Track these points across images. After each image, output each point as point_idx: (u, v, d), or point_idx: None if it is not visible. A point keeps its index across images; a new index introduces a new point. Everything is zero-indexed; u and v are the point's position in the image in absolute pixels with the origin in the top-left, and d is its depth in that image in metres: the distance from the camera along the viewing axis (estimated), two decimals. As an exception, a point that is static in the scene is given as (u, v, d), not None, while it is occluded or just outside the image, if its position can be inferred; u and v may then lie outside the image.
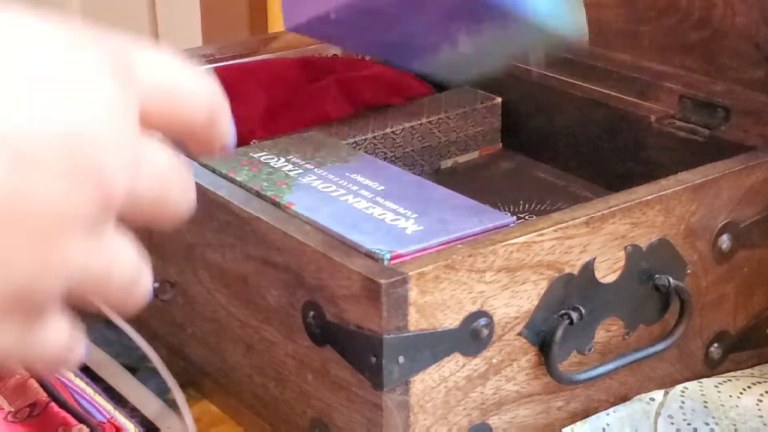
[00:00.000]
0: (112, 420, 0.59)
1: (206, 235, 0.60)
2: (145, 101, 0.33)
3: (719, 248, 0.60)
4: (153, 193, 0.33)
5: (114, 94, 0.31)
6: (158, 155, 0.33)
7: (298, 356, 0.56)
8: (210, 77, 0.36)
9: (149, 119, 0.33)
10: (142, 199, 0.33)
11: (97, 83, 0.31)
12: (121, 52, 0.32)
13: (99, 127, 0.30)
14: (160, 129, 0.34)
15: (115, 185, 0.31)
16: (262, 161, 0.63)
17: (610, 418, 0.58)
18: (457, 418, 0.54)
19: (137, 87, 0.32)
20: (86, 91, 0.30)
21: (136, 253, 0.33)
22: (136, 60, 0.33)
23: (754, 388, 0.59)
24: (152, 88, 0.33)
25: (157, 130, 0.34)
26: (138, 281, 0.33)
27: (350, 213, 0.57)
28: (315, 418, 0.56)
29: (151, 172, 0.33)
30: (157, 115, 0.33)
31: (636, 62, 0.75)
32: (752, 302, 0.63)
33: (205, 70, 0.36)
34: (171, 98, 0.34)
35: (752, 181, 0.60)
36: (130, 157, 0.31)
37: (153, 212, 0.34)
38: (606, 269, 0.56)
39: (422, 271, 0.50)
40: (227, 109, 0.37)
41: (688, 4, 0.72)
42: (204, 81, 0.35)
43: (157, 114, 0.34)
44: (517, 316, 0.54)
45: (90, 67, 0.31)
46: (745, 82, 0.69)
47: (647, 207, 0.57)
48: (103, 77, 0.31)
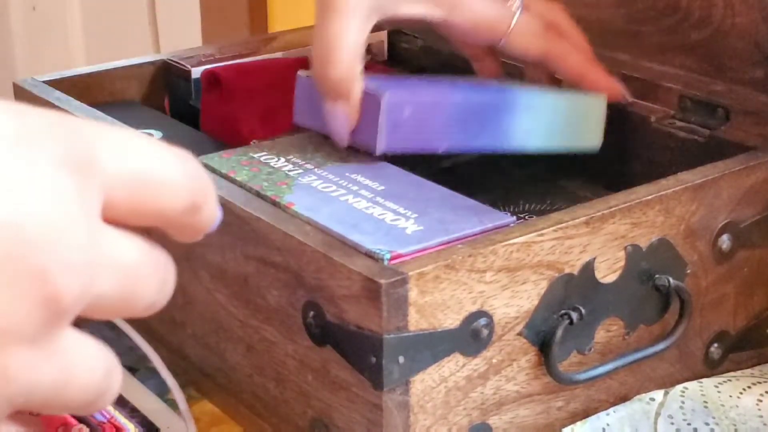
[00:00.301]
0: (112, 420, 0.59)
1: (206, 235, 0.60)
2: (111, 192, 0.31)
3: (719, 248, 0.60)
4: (118, 292, 0.31)
5: (64, 189, 0.29)
6: (125, 250, 0.31)
7: (298, 356, 0.56)
8: (192, 161, 0.34)
9: (117, 211, 0.31)
10: (104, 299, 0.30)
11: (43, 177, 0.28)
12: (79, 141, 0.30)
13: (42, 226, 0.28)
14: (131, 221, 0.32)
15: (65, 289, 0.28)
16: (262, 161, 0.63)
17: (610, 418, 0.58)
18: (457, 418, 0.54)
19: (100, 177, 0.30)
20: (29, 186, 0.28)
21: (101, 353, 0.31)
22: (100, 147, 0.31)
23: (754, 388, 0.59)
24: (118, 178, 0.31)
25: (129, 222, 0.32)
26: (107, 383, 0.31)
27: (350, 213, 0.57)
28: (315, 419, 0.56)
29: (116, 270, 0.30)
30: (126, 206, 0.31)
31: (636, 62, 0.75)
32: (752, 302, 0.63)
33: (186, 154, 0.34)
34: (141, 188, 0.32)
35: (752, 181, 0.60)
36: (83, 257, 0.29)
37: (120, 310, 0.31)
38: (606, 269, 0.56)
39: (422, 271, 0.50)
40: (212, 194, 0.34)
41: (688, 4, 0.72)
42: (182, 167, 0.33)
43: (126, 205, 0.31)
44: (517, 316, 0.54)
45: (37, 160, 0.28)
46: (745, 82, 0.69)
47: (647, 207, 0.57)
48: (51, 170, 0.28)
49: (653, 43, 0.74)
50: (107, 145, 0.31)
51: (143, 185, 0.32)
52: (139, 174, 0.32)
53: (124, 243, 0.31)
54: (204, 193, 0.34)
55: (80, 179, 0.29)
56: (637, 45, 0.75)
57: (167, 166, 0.32)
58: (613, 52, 0.76)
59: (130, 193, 0.31)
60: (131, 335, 0.64)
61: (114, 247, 0.31)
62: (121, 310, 0.31)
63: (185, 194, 0.33)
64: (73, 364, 0.30)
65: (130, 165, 0.31)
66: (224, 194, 0.59)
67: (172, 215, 0.33)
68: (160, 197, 0.32)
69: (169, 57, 0.82)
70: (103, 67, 0.81)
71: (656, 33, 0.74)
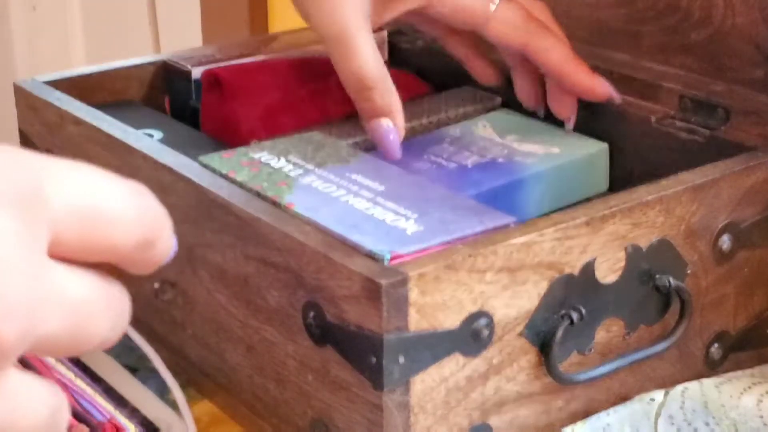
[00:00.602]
0: (112, 420, 0.59)
1: (206, 235, 0.60)
2: (59, 228, 0.30)
3: (719, 248, 0.60)
4: (66, 331, 0.30)
5: (2, 227, 0.28)
6: (73, 287, 0.30)
7: (299, 357, 0.56)
8: (146, 195, 0.33)
9: (66, 247, 0.30)
10: (51, 338, 0.29)
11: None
12: (23, 174, 0.29)
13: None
14: (81, 257, 0.31)
15: (3, 334, 0.27)
16: (263, 161, 0.63)
17: (610, 419, 0.58)
18: (458, 418, 0.54)
19: (46, 213, 0.29)
20: None
21: (46, 392, 0.30)
22: (46, 181, 0.30)
23: (755, 389, 0.59)
24: (66, 213, 0.30)
25: (80, 258, 0.31)
26: (54, 422, 0.30)
27: (350, 213, 0.57)
28: (315, 419, 0.56)
29: (63, 308, 0.30)
30: (75, 242, 0.30)
31: (636, 62, 0.75)
32: (753, 302, 0.63)
33: (140, 187, 0.33)
34: (90, 224, 0.31)
35: (752, 181, 0.60)
36: (24, 298, 0.28)
37: (68, 348, 0.30)
38: (606, 270, 0.56)
39: (422, 271, 0.50)
40: (167, 228, 0.34)
41: (689, 5, 0.72)
42: (134, 201, 0.32)
43: (76, 241, 0.30)
44: (518, 317, 0.54)
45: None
46: (746, 82, 0.69)
47: (647, 207, 0.57)
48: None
49: (653, 43, 0.74)
50: (54, 179, 0.30)
51: (92, 221, 0.31)
52: (88, 210, 0.31)
53: (72, 280, 0.30)
54: (157, 228, 0.33)
55: (22, 215, 0.28)
56: (637, 45, 0.75)
57: (118, 201, 0.32)
58: (613, 52, 0.76)
59: (79, 230, 0.30)
60: (131, 335, 0.64)
61: (61, 284, 0.30)
62: (69, 348, 0.31)
63: (137, 230, 0.32)
64: (16, 407, 0.29)
65: (78, 200, 0.31)
66: (224, 194, 0.59)
67: (123, 251, 0.32)
68: (110, 233, 0.31)
69: (169, 57, 0.82)
70: (103, 67, 0.81)
71: (656, 33, 0.74)
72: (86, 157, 0.70)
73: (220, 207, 0.58)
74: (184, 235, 0.62)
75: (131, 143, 0.66)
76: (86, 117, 0.70)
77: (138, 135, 0.67)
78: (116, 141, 0.67)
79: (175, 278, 0.64)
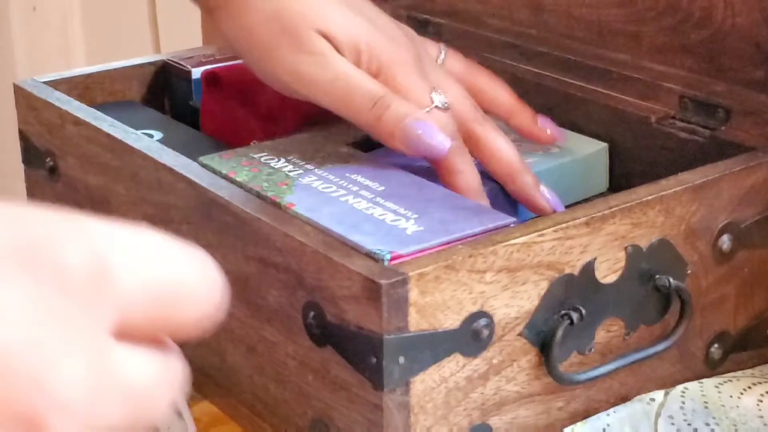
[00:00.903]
0: (112, 420, 0.59)
1: (206, 235, 0.60)
2: (126, 307, 0.27)
3: (720, 248, 0.60)
4: (126, 417, 0.27)
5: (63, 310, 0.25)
6: (137, 372, 0.27)
7: (299, 357, 0.56)
8: (211, 263, 0.30)
9: (131, 326, 0.28)
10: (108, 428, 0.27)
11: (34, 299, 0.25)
12: (89, 248, 0.27)
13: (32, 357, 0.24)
14: (144, 333, 0.28)
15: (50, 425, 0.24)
16: (263, 162, 0.63)
17: (610, 419, 0.58)
18: (458, 418, 0.54)
19: (113, 292, 0.27)
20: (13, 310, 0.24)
21: None
22: (113, 255, 0.27)
23: (755, 389, 0.59)
24: (135, 290, 0.27)
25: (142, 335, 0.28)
26: None
27: (351, 213, 0.57)
28: (315, 419, 0.56)
29: (123, 397, 0.27)
30: (141, 320, 0.28)
31: (636, 62, 0.75)
32: (753, 302, 0.63)
33: (203, 253, 0.31)
34: (160, 301, 0.28)
35: (753, 181, 0.60)
36: (82, 393, 0.25)
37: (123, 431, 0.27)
38: (606, 270, 0.56)
39: (422, 271, 0.50)
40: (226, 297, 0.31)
41: (689, 5, 0.72)
42: (204, 273, 0.30)
43: (142, 319, 0.28)
44: (518, 317, 0.54)
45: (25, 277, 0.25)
46: (746, 82, 0.69)
47: (647, 207, 0.57)
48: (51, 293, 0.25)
49: (653, 44, 0.74)
50: (121, 252, 0.27)
51: (163, 299, 0.28)
52: (160, 286, 0.28)
53: (135, 363, 0.28)
54: (221, 300, 0.30)
55: (88, 296, 0.26)
56: (637, 45, 0.75)
57: (190, 276, 0.29)
58: (613, 52, 0.76)
59: (149, 308, 0.28)
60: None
61: (124, 370, 0.27)
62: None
63: (206, 305, 0.30)
64: None
65: (149, 276, 0.28)
66: (224, 194, 0.59)
67: (188, 326, 0.30)
68: (181, 310, 0.29)
69: (169, 57, 0.82)
70: (103, 67, 0.81)
71: (656, 33, 0.74)
72: (86, 157, 0.70)
73: (220, 207, 0.58)
74: (184, 235, 0.62)
75: (131, 143, 0.66)
76: (86, 117, 0.70)
77: (138, 135, 0.67)
78: (116, 141, 0.67)
79: (175, 278, 0.64)
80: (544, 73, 0.78)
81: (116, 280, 0.27)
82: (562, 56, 0.78)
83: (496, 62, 0.77)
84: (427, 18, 0.88)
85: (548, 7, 0.80)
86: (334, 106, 0.63)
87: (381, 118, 0.61)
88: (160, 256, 0.29)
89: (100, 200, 0.70)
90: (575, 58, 0.77)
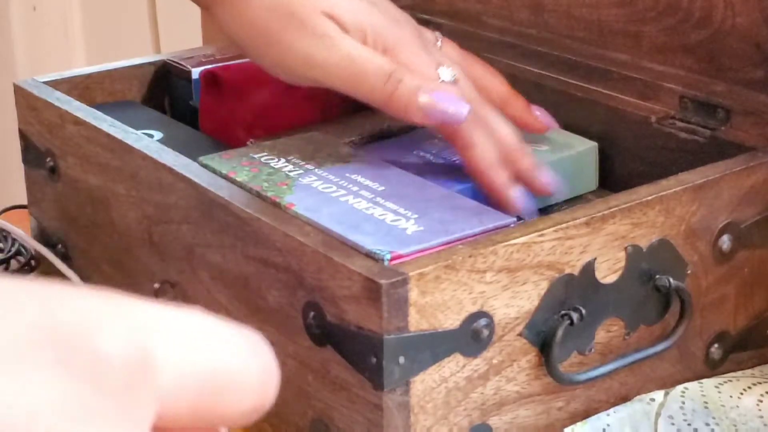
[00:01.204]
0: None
1: (206, 235, 0.60)
2: (168, 398, 0.25)
3: (720, 249, 0.60)
4: None
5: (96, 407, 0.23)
6: None
7: (299, 357, 0.56)
8: (264, 347, 0.28)
9: (172, 419, 0.25)
10: None
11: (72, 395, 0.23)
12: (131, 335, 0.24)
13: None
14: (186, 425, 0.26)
15: None
16: (263, 162, 0.63)
17: (610, 419, 0.58)
18: (458, 418, 0.54)
19: (154, 382, 0.24)
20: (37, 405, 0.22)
21: None
22: (156, 342, 0.25)
23: (755, 389, 0.59)
24: (179, 381, 0.25)
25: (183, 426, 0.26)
26: None
27: (351, 213, 0.57)
28: (315, 419, 0.56)
29: None
30: (184, 412, 0.25)
31: (636, 62, 0.75)
32: (753, 302, 0.63)
33: (256, 336, 0.29)
34: (206, 392, 0.26)
35: (753, 181, 0.60)
36: None
37: None
38: (606, 270, 0.56)
39: (422, 271, 0.50)
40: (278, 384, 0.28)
41: (689, 5, 0.72)
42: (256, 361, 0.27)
43: (185, 411, 0.25)
44: (518, 317, 0.54)
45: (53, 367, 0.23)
46: (746, 82, 0.69)
47: (648, 207, 0.57)
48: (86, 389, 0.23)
49: (653, 43, 0.74)
50: (165, 339, 0.25)
51: (209, 390, 0.26)
52: (206, 376, 0.26)
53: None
54: (274, 388, 0.28)
55: (125, 391, 0.24)
56: (637, 45, 0.75)
57: (240, 364, 0.27)
58: (613, 52, 0.76)
59: (193, 399, 0.25)
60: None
61: None
62: None
63: (256, 396, 0.27)
64: None
65: (195, 365, 0.25)
66: (224, 194, 0.59)
67: (235, 417, 0.27)
68: (228, 402, 0.26)
69: (169, 57, 0.82)
70: (103, 67, 0.81)
71: (656, 33, 0.74)
72: (86, 157, 0.70)
73: (220, 207, 0.58)
74: (184, 235, 0.62)
75: (131, 143, 0.66)
76: (86, 117, 0.70)
77: (138, 135, 0.67)
78: (116, 141, 0.67)
79: (175, 278, 0.64)
80: (544, 73, 0.78)
81: (158, 371, 0.24)
82: (562, 56, 0.78)
83: (496, 62, 0.77)
84: (427, 18, 0.88)
85: (548, 7, 0.80)
86: (345, 87, 0.63)
87: (395, 93, 0.61)
88: (207, 343, 0.26)
89: (100, 200, 0.70)
90: (575, 58, 0.77)
